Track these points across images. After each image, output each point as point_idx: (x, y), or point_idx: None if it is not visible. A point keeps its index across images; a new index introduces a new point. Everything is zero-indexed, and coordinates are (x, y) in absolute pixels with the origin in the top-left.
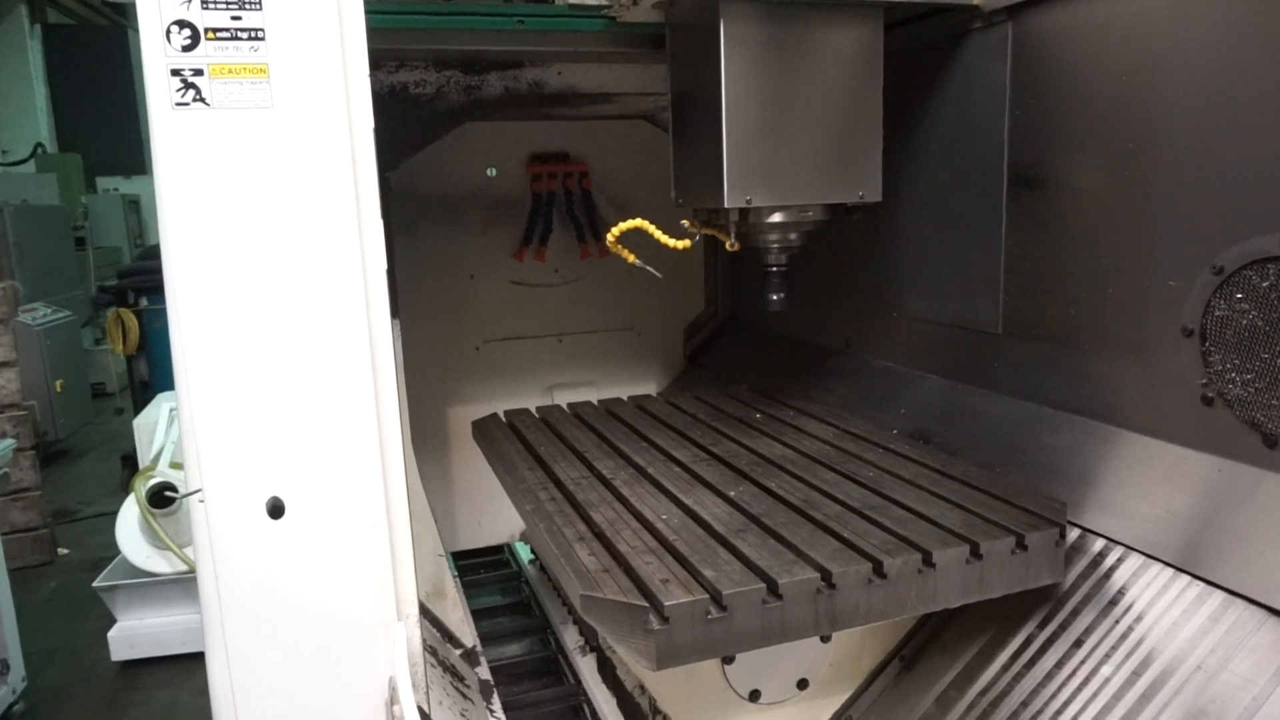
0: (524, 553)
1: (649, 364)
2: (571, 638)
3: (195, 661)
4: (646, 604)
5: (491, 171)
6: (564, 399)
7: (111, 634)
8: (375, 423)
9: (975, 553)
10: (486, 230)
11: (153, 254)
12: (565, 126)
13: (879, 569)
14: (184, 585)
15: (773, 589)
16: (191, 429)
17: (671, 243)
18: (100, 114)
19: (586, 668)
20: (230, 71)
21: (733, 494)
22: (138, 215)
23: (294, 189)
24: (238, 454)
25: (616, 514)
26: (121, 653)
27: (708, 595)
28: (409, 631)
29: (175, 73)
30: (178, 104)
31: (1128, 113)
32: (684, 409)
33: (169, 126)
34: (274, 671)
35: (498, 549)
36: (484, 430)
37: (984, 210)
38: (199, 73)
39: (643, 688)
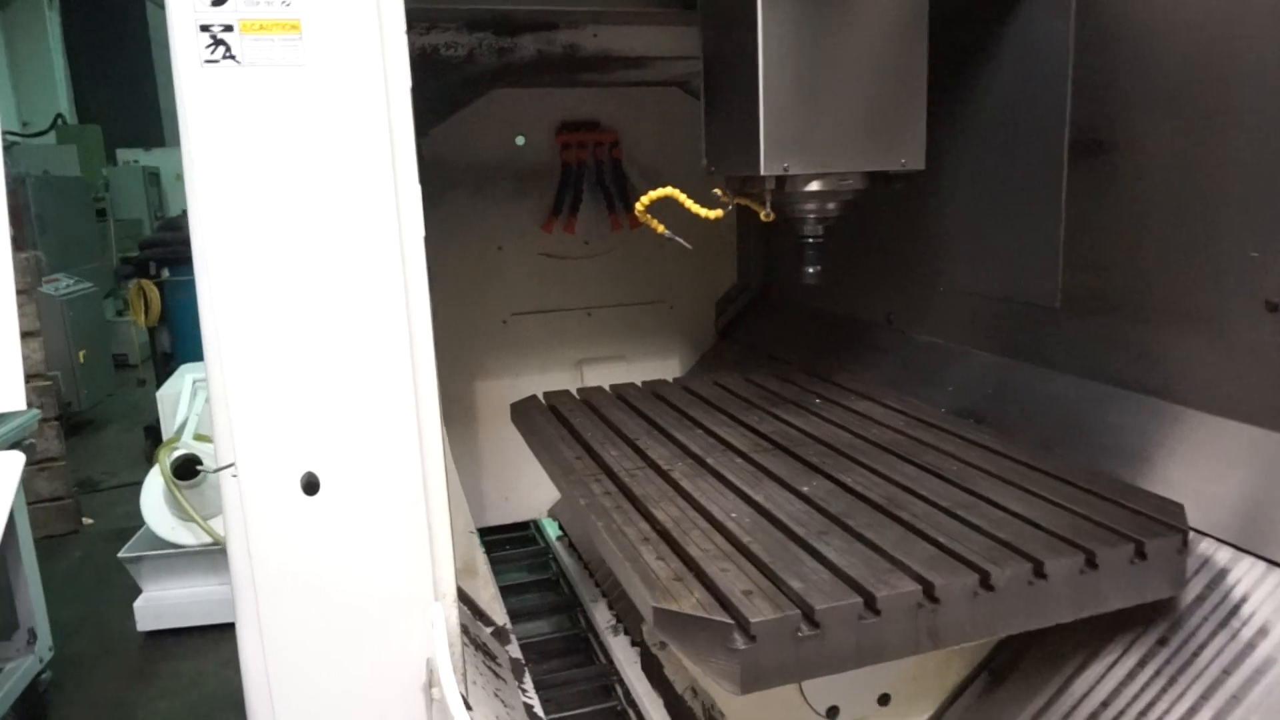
0: (551, 529)
1: (679, 338)
2: (602, 616)
3: (219, 633)
4: (730, 620)
5: (520, 140)
6: (593, 374)
7: (137, 604)
8: (413, 396)
9: (1091, 562)
10: (515, 201)
11: (173, 225)
12: (595, 94)
13: (985, 580)
14: (208, 557)
15: (870, 603)
16: (223, 402)
17: (703, 212)
18: (119, 86)
19: (619, 647)
20: (261, 28)
21: (806, 489)
22: (158, 187)
23: (328, 151)
24: (272, 428)
25: (680, 511)
26: (148, 623)
27: (798, 610)
28: (446, 612)
29: (205, 28)
30: (206, 61)
31: (1206, 70)
32: (734, 391)
33: (197, 85)
34: (308, 651)
35: (523, 525)
36: (524, 413)
37: (1041, 176)
38: (229, 29)
39: (695, 690)
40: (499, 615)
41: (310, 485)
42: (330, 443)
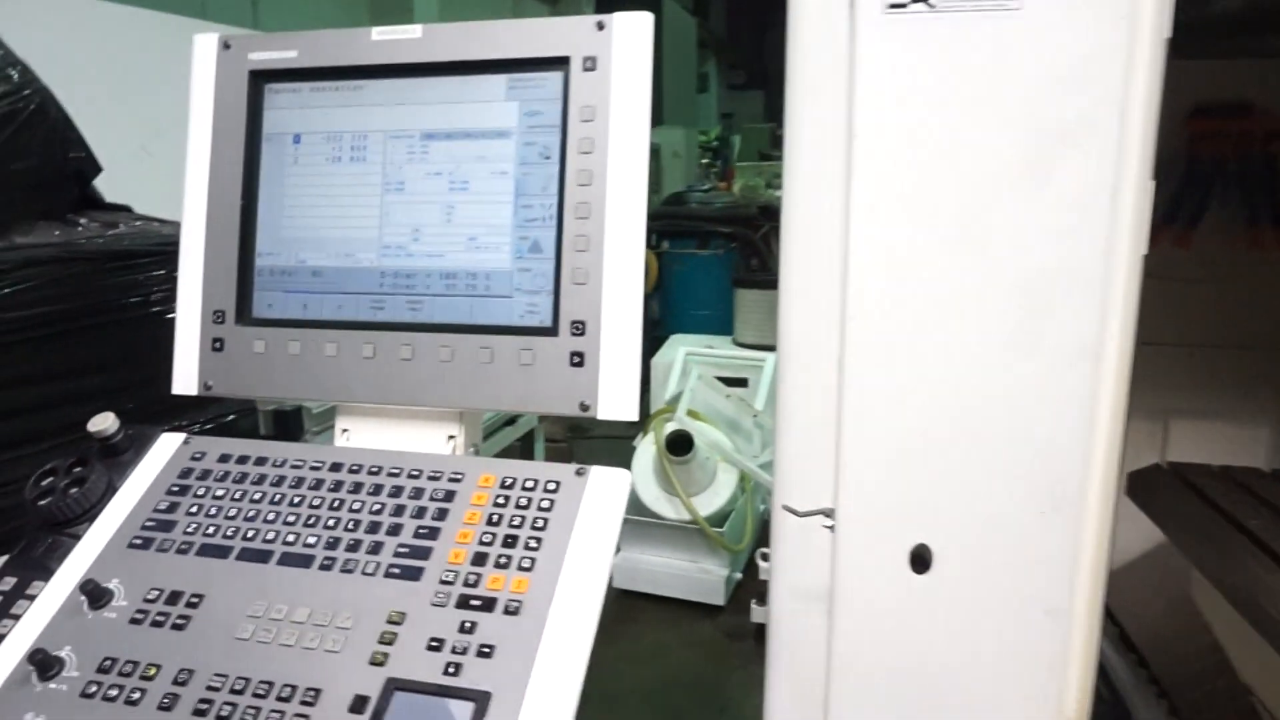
0: None
1: None
2: None
3: (681, 608)
4: None
5: None
6: (1182, 430)
7: (616, 561)
8: (1083, 467)
9: None
10: None
11: (677, 200)
12: (1243, 69)
13: None
14: (684, 533)
15: None
16: (800, 430)
17: None
18: None
19: None
20: None
21: None
22: (657, 163)
23: (1045, 122)
24: (884, 479)
25: None
26: (622, 582)
27: None
28: None
29: None
30: (892, 6)
31: None
32: None
33: (875, 38)
34: None
35: None
36: (1154, 490)
37: None
38: None
39: None
40: None
41: (919, 559)
42: (952, 510)
